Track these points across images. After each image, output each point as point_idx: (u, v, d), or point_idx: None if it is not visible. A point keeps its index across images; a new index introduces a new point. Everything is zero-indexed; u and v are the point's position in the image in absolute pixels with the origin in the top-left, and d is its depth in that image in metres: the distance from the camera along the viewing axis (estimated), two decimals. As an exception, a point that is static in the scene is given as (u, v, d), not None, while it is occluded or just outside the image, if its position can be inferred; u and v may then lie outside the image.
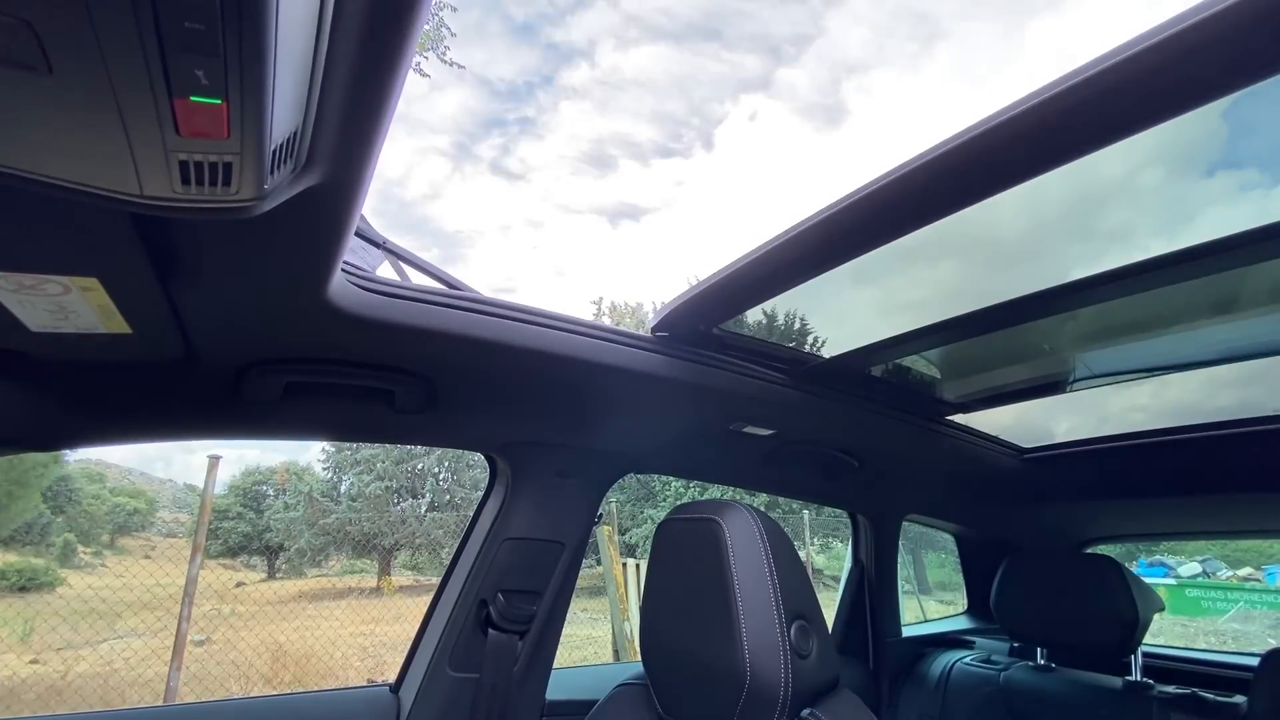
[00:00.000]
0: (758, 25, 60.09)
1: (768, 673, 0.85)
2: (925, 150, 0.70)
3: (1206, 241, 0.85)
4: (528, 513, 1.38)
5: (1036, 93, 0.60)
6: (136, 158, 0.42)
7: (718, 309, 1.14)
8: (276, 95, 0.39)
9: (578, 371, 1.14)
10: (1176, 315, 1.18)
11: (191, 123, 0.39)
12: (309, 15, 0.39)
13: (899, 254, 0.93)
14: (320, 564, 16.58)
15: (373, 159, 0.59)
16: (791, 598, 0.90)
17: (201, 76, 0.36)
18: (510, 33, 53.94)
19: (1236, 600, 9.98)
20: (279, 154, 0.46)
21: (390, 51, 0.45)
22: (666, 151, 53.37)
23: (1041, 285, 1.04)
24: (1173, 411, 1.64)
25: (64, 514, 17.15)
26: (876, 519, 2.09)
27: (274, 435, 1.20)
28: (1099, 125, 0.61)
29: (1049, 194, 0.81)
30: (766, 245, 0.96)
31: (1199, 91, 0.56)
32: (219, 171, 0.44)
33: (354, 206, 0.65)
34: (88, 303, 0.74)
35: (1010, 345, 1.37)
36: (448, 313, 0.98)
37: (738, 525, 0.93)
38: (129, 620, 7.84)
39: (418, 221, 46.60)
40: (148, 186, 0.45)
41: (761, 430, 1.51)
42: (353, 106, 0.49)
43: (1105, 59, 0.55)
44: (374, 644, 8.05)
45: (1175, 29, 0.50)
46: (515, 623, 1.35)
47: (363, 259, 0.97)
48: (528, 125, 52.88)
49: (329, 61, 0.44)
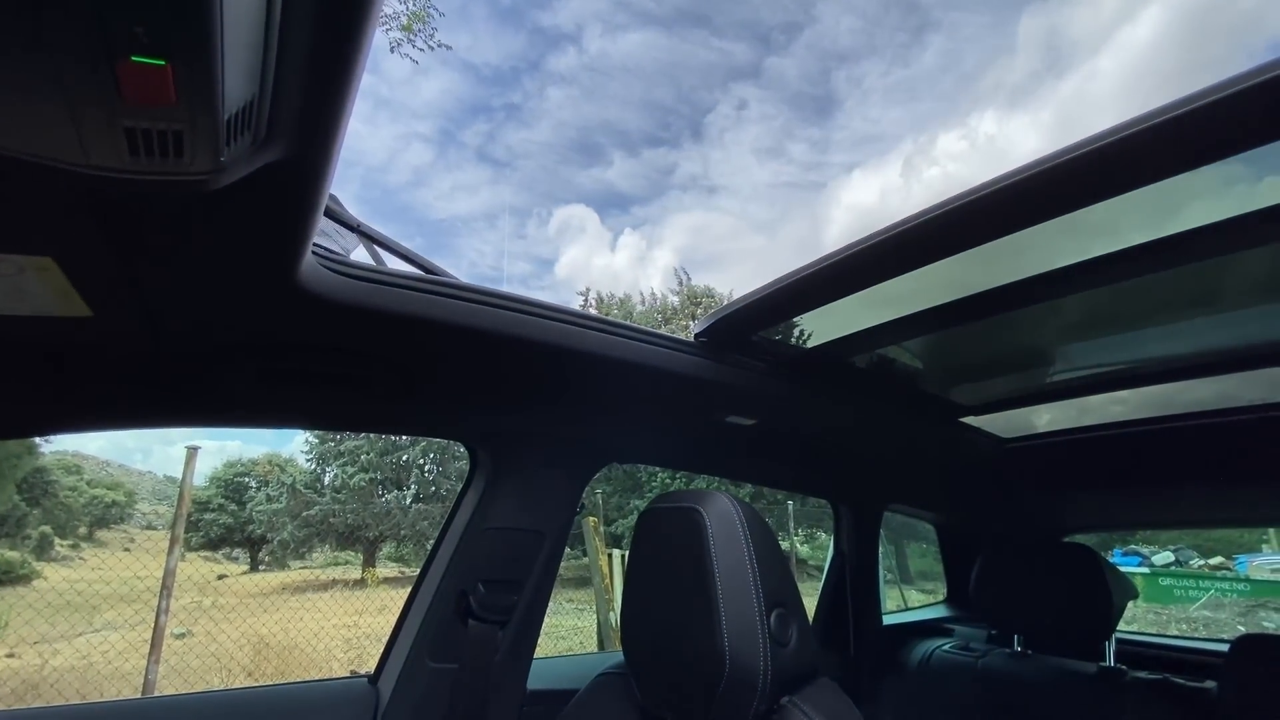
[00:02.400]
0: (748, 12, 59.76)
1: (747, 660, 0.84)
2: (950, 197, 0.84)
3: (1187, 230, 0.86)
4: (509, 502, 1.37)
5: (1057, 153, 0.72)
6: (79, 124, 0.39)
7: (756, 318, 1.23)
8: (226, 59, 0.37)
9: (559, 360, 1.13)
10: (1155, 309, 1.21)
11: (135, 86, 0.37)
12: None
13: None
14: (304, 556, 16.46)
15: (339, 133, 0.56)
16: (771, 586, 0.90)
17: (142, 34, 0.34)
18: (495, 16, 53.28)
19: (1208, 589, 10.23)
20: (234, 124, 0.44)
21: (351, 13, 0.43)
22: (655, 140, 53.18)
23: (1023, 275, 1.05)
24: (1151, 403, 1.65)
25: (40, 506, 16.85)
26: (858, 509, 2.10)
27: (246, 423, 1.17)
28: (1099, 184, 0.74)
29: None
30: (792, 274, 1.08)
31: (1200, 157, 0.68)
32: (169, 140, 0.42)
33: (321, 184, 0.62)
34: (44, 283, 0.71)
35: (993, 338, 1.39)
36: (424, 298, 0.96)
37: (719, 513, 0.93)
38: (107, 613, 7.75)
39: (401, 209, 46.05)
40: (94, 155, 0.42)
41: (744, 420, 1.51)
42: (313, 75, 0.47)
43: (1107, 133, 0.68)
44: (358, 635, 8.02)
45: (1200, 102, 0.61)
46: (496, 613, 1.34)
47: (336, 242, 0.95)
48: (514, 112, 52.36)
49: (284, 25, 0.42)
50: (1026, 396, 1.68)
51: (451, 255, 47.25)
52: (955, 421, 1.81)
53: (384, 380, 1.12)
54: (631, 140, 52.72)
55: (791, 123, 55.26)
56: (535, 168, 50.24)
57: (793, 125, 55.30)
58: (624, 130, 53.45)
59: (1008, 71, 69.71)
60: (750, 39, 58.35)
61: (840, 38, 58.03)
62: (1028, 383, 1.64)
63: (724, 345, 1.30)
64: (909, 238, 0.91)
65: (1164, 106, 0.64)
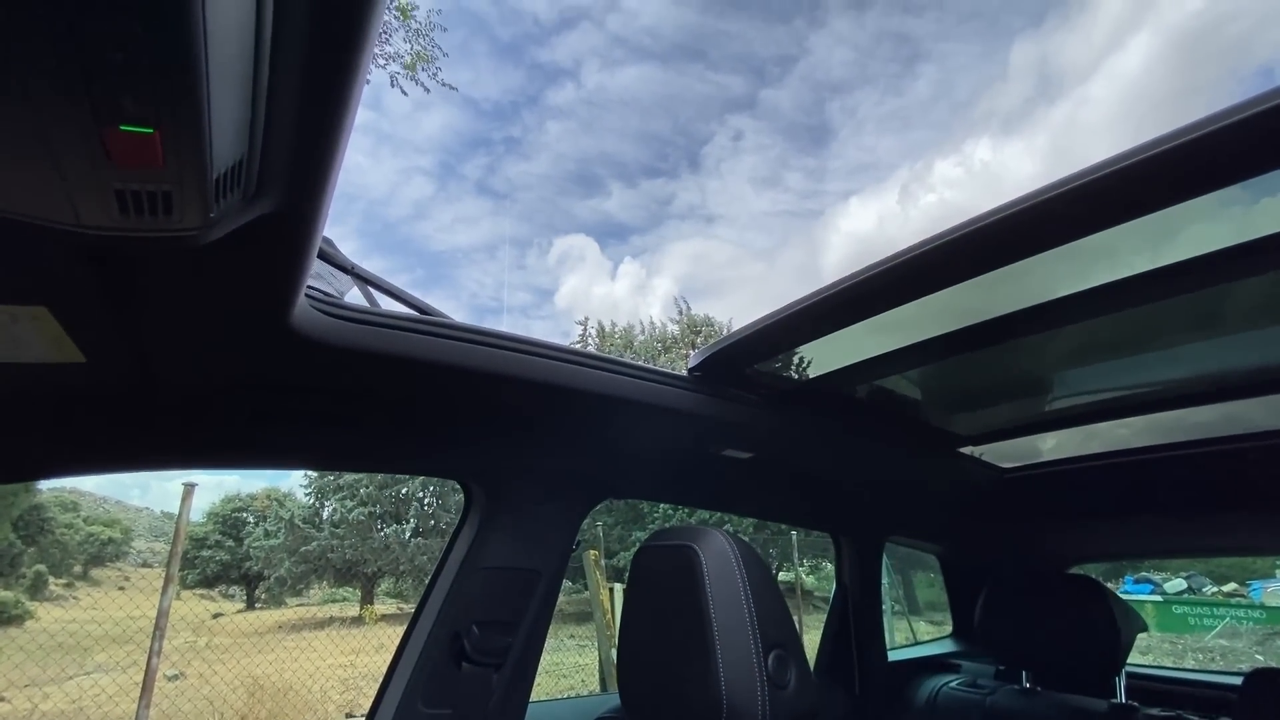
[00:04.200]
0: (742, 46, 61.41)
1: (745, 704, 0.83)
2: (941, 232, 0.86)
3: (1188, 259, 0.87)
4: (503, 541, 1.35)
5: (1053, 185, 0.74)
6: (71, 188, 0.40)
7: (752, 352, 1.23)
8: (214, 123, 0.38)
9: (552, 397, 1.13)
10: (1157, 334, 1.20)
11: (124, 152, 0.38)
12: (244, 38, 0.38)
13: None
14: (301, 593, 16.21)
15: (329, 184, 0.58)
16: (769, 626, 0.89)
17: (129, 105, 0.35)
18: (496, 52, 54.68)
19: (1223, 616, 10.04)
20: (223, 182, 0.45)
21: (340, 74, 0.44)
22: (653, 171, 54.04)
23: (1021, 304, 1.05)
24: (1156, 429, 1.62)
25: (35, 544, 16.65)
26: (858, 541, 2.07)
27: (240, 465, 1.17)
28: (1084, 221, 0.77)
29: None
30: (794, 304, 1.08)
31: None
32: (158, 201, 0.43)
33: (313, 232, 0.63)
34: (38, 332, 0.72)
35: (991, 366, 1.38)
36: (418, 339, 0.97)
37: (714, 552, 0.92)
38: (99, 655, 7.59)
39: (402, 241, 46.52)
40: (85, 217, 0.43)
41: (740, 453, 1.50)
42: (303, 132, 0.48)
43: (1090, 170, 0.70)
44: (354, 675, 7.84)
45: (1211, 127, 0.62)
46: (490, 655, 1.31)
47: (330, 284, 0.96)
48: (514, 145, 53.31)
49: (272, 86, 0.43)
50: (1026, 425, 1.67)
51: (452, 286, 47.65)
52: (954, 451, 1.80)
53: (378, 419, 1.12)
54: (629, 171, 53.68)
55: (787, 152, 56.34)
56: (535, 199, 51.06)
57: (788, 155, 56.37)
58: (622, 162, 54.51)
59: (1001, 99, 71.26)
60: (745, 72, 59.93)
61: (833, 69, 59.58)
62: (1027, 411, 1.62)
63: (718, 379, 1.30)
64: (904, 271, 0.91)
65: (1161, 137, 0.65)
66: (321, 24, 0.41)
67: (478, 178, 51.98)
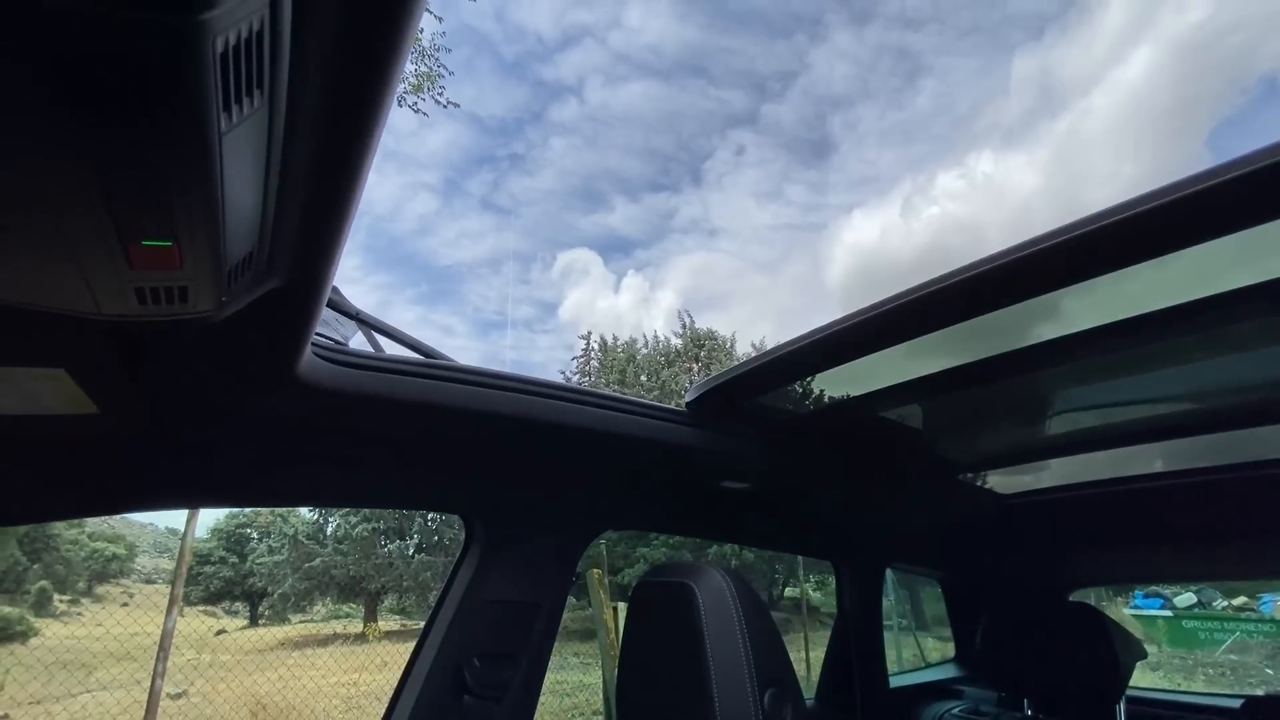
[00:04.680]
0: (743, 61, 61.86)
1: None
2: (950, 271, 0.87)
3: (1203, 297, 0.86)
4: (504, 574, 1.37)
5: (1034, 239, 0.77)
6: (94, 289, 0.43)
7: (749, 386, 1.24)
8: (228, 229, 0.41)
9: (551, 435, 1.15)
10: (1161, 359, 1.16)
11: (144, 260, 0.40)
12: (258, 152, 0.41)
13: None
14: (304, 609, 16.14)
15: (336, 257, 0.60)
16: (764, 663, 0.90)
17: (149, 223, 0.38)
18: (500, 70, 55.29)
19: (1233, 631, 9.91)
20: (235, 272, 0.48)
21: (346, 176, 0.47)
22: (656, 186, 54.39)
23: (1023, 343, 1.04)
24: (1159, 455, 1.58)
25: (40, 560, 16.66)
26: (859, 568, 2.08)
27: (246, 503, 1.19)
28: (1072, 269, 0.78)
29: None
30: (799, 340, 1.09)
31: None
32: (174, 293, 0.46)
33: (319, 299, 0.66)
34: (55, 390, 0.75)
35: (992, 397, 1.36)
36: (419, 382, 0.99)
37: (710, 589, 0.93)
38: (102, 672, 7.57)
39: (407, 256, 46.85)
40: (105, 307, 0.46)
41: (739, 485, 1.52)
42: (309, 224, 0.51)
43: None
44: (358, 694, 7.80)
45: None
46: (491, 688, 1.33)
47: (336, 330, 0.99)
48: (518, 161, 53.79)
49: (282, 185, 0.46)
50: (1026, 453, 1.67)
51: (456, 301, 47.85)
52: (954, 479, 1.81)
53: (381, 459, 1.14)
54: (633, 186, 54.00)
55: (789, 166, 56.60)
56: (539, 214, 51.35)
57: (790, 168, 56.62)
58: (625, 177, 54.85)
59: (1002, 112, 71.42)
60: (746, 87, 60.35)
61: (834, 84, 59.94)
62: (1027, 439, 1.62)
63: (716, 413, 1.32)
64: (910, 309, 0.92)
65: (1182, 181, 0.66)
66: (325, 145, 0.44)
67: (482, 193, 52.42)
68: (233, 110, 0.34)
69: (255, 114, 0.36)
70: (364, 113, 0.42)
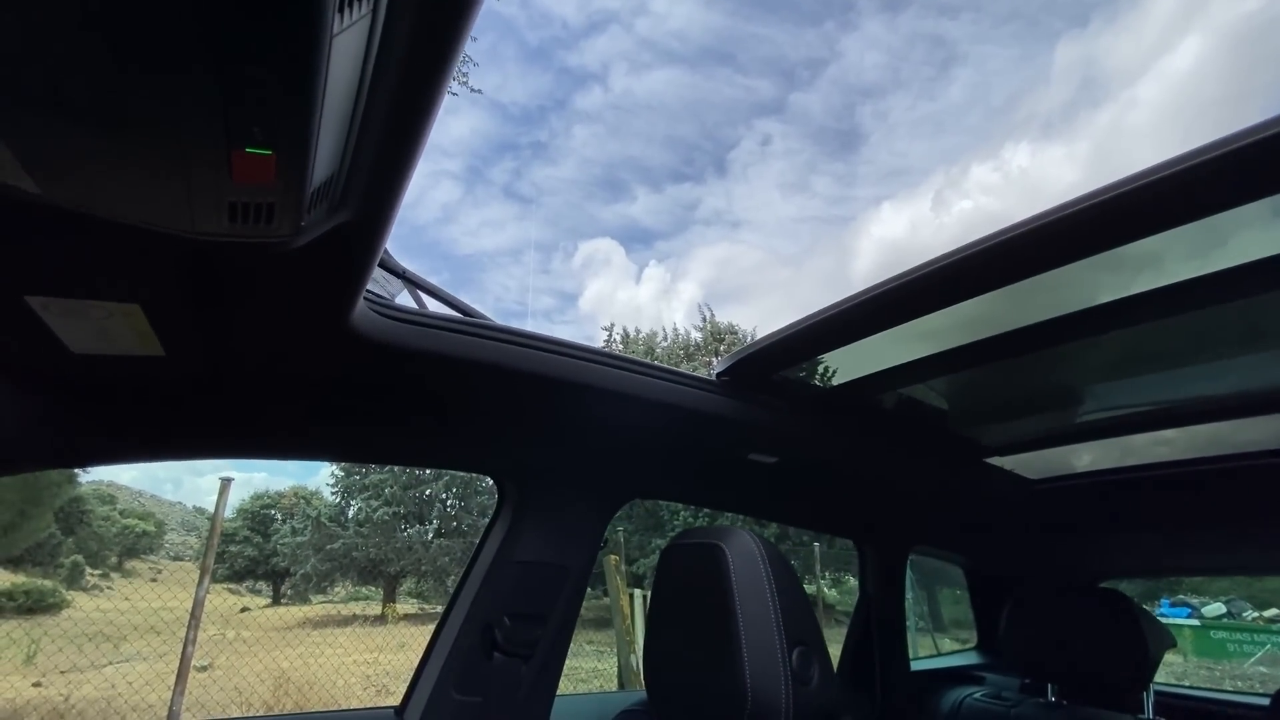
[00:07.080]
0: (772, 49, 60.98)
1: (769, 698, 0.85)
2: (977, 239, 0.86)
3: (1235, 265, 0.85)
4: (534, 537, 1.40)
5: (1102, 189, 0.74)
6: (193, 199, 0.46)
7: (779, 358, 1.25)
8: (319, 146, 0.44)
9: (584, 397, 1.17)
10: (1199, 347, 1.16)
11: (244, 171, 0.43)
12: (352, 75, 0.44)
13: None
14: (325, 590, 16.48)
15: (400, 197, 0.63)
16: (793, 623, 0.91)
17: (256, 130, 0.41)
18: (524, 57, 55.31)
19: (1263, 643, 9.66)
20: (316, 195, 0.50)
21: (422, 106, 0.50)
22: (679, 176, 54.16)
23: (1058, 311, 1.02)
24: (1197, 444, 1.55)
25: (74, 535, 17.21)
26: (883, 549, 2.08)
27: (293, 455, 1.23)
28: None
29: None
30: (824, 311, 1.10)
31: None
32: (263, 211, 0.49)
33: (380, 240, 0.69)
34: (128, 327, 0.79)
35: (1022, 376, 1.35)
36: (462, 339, 1.02)
37: (741, 550, 0.95)
38: (133, 644, 7.81)
39: (430, 244, 47.29)
40: (200, 223, 0.49)
41: (765, 458, 1.53)
42: (385, 154, 0.54)
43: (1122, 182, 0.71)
44: (377, 673, 7.96)
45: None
46: (520, 646, 1.36)
47: (383, 288, 1.02)
48: (540, 149, 53.91)
49: (365, 115, 0.49)
50: (1056, 437, 1.65)
51: (477, 290, 48.24)
52: (981, 462, 1.80)
53: (421, 417, 1.18)
54: (655, 176, 53.80)
55: (816, 157, 55.89)
56: (560, 203, 51.50)
57: (818, 160, 55.91)
58: (648, 166, 54.65)
59: (1041, 102, 69.43)
60: (774, 75, 59.57)
61: (865, 73, 58.95)
62: (1058, 423, 1.59)
63: (746, 384, 1.33)
64: (936, 278, 0.92)
65: (1216, 142, 0.64)
66: (411, 64, 0.47)
67: (504, 182, 52.66)
68: (344, 11, 0.36)
69: (361, 20, 0.38)
70: (448, 36, 0.44)
